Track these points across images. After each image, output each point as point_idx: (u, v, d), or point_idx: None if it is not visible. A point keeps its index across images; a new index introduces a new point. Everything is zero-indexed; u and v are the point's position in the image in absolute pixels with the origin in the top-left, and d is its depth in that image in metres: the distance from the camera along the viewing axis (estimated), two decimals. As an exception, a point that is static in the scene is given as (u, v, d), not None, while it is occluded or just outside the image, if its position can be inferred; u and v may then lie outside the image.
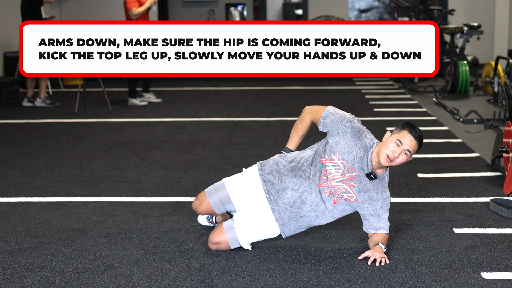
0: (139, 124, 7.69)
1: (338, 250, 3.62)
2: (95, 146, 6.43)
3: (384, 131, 6.88)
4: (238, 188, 3.66)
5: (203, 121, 7.91)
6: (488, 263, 3.42)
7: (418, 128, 3.48)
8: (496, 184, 4.91)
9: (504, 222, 4.08)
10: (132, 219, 4.16)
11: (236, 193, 3.65)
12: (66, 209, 4.38)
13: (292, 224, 3.58)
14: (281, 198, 3.55)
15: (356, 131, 3.48)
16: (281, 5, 24.46)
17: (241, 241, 3.58)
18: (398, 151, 3.42)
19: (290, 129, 3.78)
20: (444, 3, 14.66)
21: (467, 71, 9.65)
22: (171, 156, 5.96)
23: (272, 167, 3.62)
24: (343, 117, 3.52)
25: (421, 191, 4.78)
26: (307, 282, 3.21)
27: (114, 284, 3.18)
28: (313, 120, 3.65)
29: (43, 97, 9.24)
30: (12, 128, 7.50)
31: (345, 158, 3.47)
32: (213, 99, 9.91)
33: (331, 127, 3.51)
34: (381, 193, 3.54)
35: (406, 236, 3.84)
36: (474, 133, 6.94)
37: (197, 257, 3.53)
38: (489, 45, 14.18)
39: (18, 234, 3.90)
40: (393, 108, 8.74)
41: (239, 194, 3.65)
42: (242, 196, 3.65)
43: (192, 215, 4.21)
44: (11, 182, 5.08)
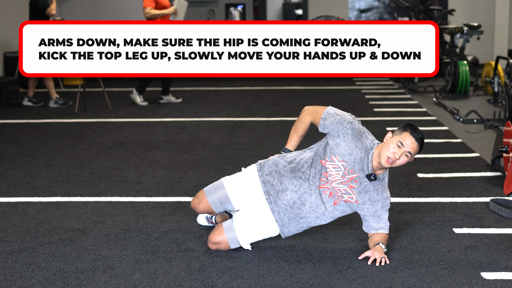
0: (139, 124, 7.69)
1: (338, 250, 3.62)
2: (95, 146, 6.43)
3: (384, 131, 6.88)
4: (237, 188, 3.65)
5: (203, 121, 7.91)
6: (488, 263, 3.42)
7: (419, 130, 3.46)
8: (496, 184, 4.91)
9: (504, 222, 4.08)
10: (132, 219, 4.16)
11: (235, 193, 3.65)
12: (66, 209, 4.38)
13: (292, 225, 3.58)
14: (281, 199, 3.55)
15: (357, 133, 3.47)
16: (281, 5, 24.45)
17: (241, 241, 3.58)
18: (399, 153, 3.41)
19: (290, 129, 3.78)
20: (444, 3, 14.66)
21: (467, 71, 9.65)
22: (171, 156, 5.96)
23: (271, 168, 3.62)
24: (343, 118, 3.50)
25: (421, 191, 4.78)
26: (307, 282, 3.21)
27: (114, 284, 3.18)
28: (313, 121, 3.64)
29: (55, 98, 9.20)
30: (12, 128, 7.50)
31: (345, 160, 3.46)
32: (213, 99, 9.91)
33: (331, 129, 3.50)
34: (381, 193, 3.54)
35: (406, 236, 3.84)
36: (474, 133, 6.94)
37: (197, 257, 3.53)
38: (489, 45, 14.18)
39: (18, 234, 3.90)
40: (393, 108, 8.74)
41: (238, 194, 3.65)
42: (241, 196, 3.65)
43: (192, 215, 4.21)
44: (11, 182, 5.08)
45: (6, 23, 11.67)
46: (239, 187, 3.65)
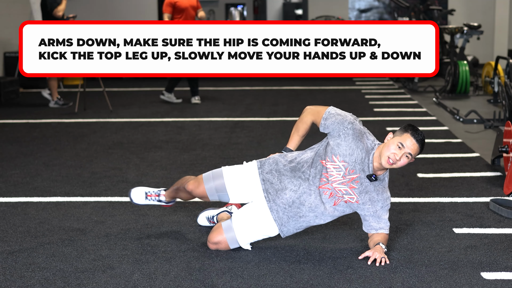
0: (139, 124, 7.69)
1: (338, 250, 3.62)
2: (95, 146, 6.43)
3: (384, 131, 6.89)
4: (236, 181, 3.65)
5: (203, 121, 7.91)
6: (488, 263, 3.42)
7: (420, 131, 3.46)
8: (496, 184, 4.91)
9: (504, 222, 4.08)
10: (132, 219, 4.16)
11: (232, 186, 3.65)
12: (66, 209, 4.38)
13: (291, 224, 3.58)
14: (280, 198, 3.55)
15: (358, 133, 3.47)
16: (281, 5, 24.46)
17: (240, 241, 3.58)
18: (399, 154, 3.41)
19: (290, 129, 3.78)
20: (444, 3, 14.66)
21: (467, 71, 9.65)
22: (171, 156, 5.96)
23: (271, 166, 3.62)
24: (344, 118, 3.49)
25: (421, 191, 4.78)
26: (307, 282, 3.21)
27: (114, 284, 3.18)
28: (314, 121, 3.63)
29: (56, 98, 9.19)
30: (12, 128, 7.50)
31: (346, 160, 3.46)
32: (213, 99, 9.91)
33: (332, 129, 3.50)
34: (381, 194, 3.54)
35: (406, 236, 3.84)
36: (474, 133, 6.94)
37: (197, 257, 3.53)
38: (489, 45, 14.18)
39: (18, 234, 3.90)
40: (393, 108, 8.74)
41: (236, 187, 3.65)
42: (238, 190, 3.65)
43: (192, 215, 4.21)
44: (11, 182, 5.08)
45: (6, 23, 11.67)
46: (237, 181, 3.65)
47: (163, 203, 3.96)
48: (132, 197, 3.95)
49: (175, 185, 3.86)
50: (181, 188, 3.80)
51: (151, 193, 3.93)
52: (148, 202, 3.95)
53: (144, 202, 3.95)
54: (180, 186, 3.81)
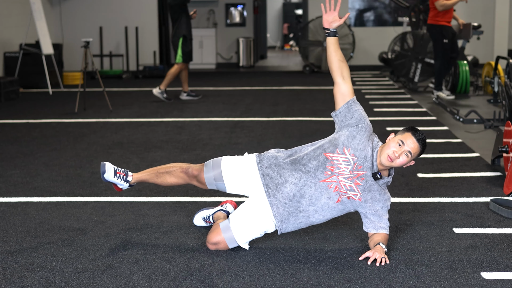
0: (139, 124, 7.69)
1: (338, 250, 3.62)
2: (95, 146, 6.44)
3: (384, 131, 6.89)
4: (234, 173, 3.67)
5: (203, 121, 7.91)
6: (488, 263, 3.42)
7: (422, 132, 3.53)
8: (496, 184, 4.91)
9: (504, 222, 4.08)
10: (132, 219, 4.16)
11: (230, 177, 3.67)
12: (66, 209, 4.38)
13: (290, 221, 3.58)
14: (280, 192, 3.55)
15: (370, 132, 3.57)
16: (281, 5, 24.47)
17: (238, 240, 3.58)
18: (399, 151, 3.45)
19: (290, 129, 3.79)
20: (444, 3, 14.64)
21: (467, 71, 9.65)
22: (171, 156, 5.96)
23: (270, 161, 3.63)
24: (365, 115, 3.61)
25: (421, 191, 4.78)
26: (307, 282, 3.21)
27: (114, 284, 3.19)
28: (343, 81, 3.60)
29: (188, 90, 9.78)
30: (12, 128, 7.50)
31: (356, 155, 3.49)
32: (213, 99, 9.92)
33: (354, 115, 3.55)
34: (383, 194, 3.57)
35: (406, 236, 3.84)
36: (474, 133, 6.94)
37: (197, 257, 3.53)
38: (489, 45, 14.19)
39: (18, 234, 3.90)
40: (393, 108, 8.75)
41: (233, 180, 3.67)
42: (235, 182, 3.67)
43: (192, 215, 4.21)
44: (11, 182, 5.08)
45: (6, 23, 11.67)
46: (236, 173, 3.67)
47: (124, 185, 3.81)
48: (106, 169, 3.77)
49: (162, 169, 3.77)
50: (174, 173, 3.73)
51: (120, 170, 3.81)
52: (114, 180, 3.79)
53: (112, 179, 3.78)
54: (174, 170, 3.74)
